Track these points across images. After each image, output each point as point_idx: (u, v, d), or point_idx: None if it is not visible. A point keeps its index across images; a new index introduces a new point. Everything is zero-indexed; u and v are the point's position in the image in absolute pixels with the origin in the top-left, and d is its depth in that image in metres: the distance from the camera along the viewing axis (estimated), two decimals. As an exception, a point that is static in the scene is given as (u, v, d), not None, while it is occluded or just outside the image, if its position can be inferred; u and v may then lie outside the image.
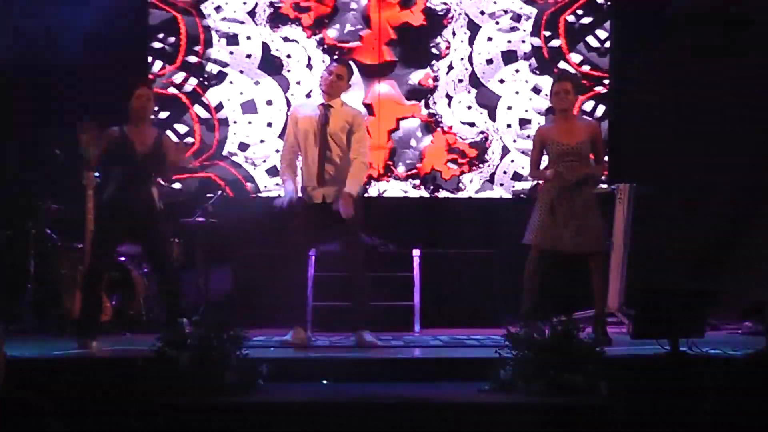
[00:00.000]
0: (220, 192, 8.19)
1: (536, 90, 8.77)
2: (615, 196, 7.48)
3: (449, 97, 8.76)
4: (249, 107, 8.76)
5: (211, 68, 8.74)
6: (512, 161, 8.74)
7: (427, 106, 8.78)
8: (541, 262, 6.47)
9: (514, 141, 8.75)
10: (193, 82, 8.72)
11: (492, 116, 8.76)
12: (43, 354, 5.68)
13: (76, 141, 6.22)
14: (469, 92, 8.77)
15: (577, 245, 6.40)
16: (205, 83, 8.73)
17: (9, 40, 7.89)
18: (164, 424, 4.66)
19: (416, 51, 8.80)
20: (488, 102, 8.78)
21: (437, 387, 5.19)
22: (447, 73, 8.77)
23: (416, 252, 7.85)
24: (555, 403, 4.76)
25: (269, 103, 8.76)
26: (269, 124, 8.74)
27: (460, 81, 8.78)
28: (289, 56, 8.75)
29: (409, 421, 4.69)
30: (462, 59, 8.78)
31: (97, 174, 6.87)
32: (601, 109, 8.83)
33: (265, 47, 8.75)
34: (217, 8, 8.76)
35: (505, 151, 8.76)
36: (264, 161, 8.72)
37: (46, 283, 7.49)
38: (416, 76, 8.79)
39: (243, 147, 8.74)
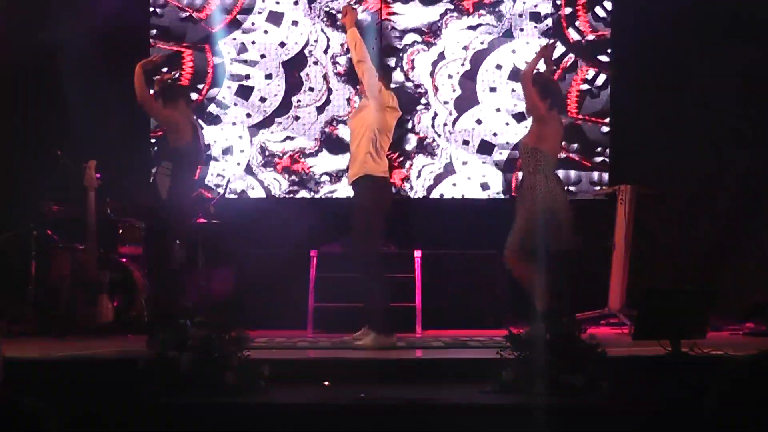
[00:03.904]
0: (221, 193, 8.18)
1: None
2: (616, 196, 7.47)
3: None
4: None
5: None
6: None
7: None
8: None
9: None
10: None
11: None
12: (44, 355, 5.68)
13: None
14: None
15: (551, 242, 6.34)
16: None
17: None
18: (165, 425, 4.66)
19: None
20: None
21: (439, 388, 5.18)
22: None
23: (417, 253, 7.84)
24: (556, 404, 4.75)
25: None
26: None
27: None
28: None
29: (411, 422, 4.68)
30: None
31: (97, 174, 6.91)
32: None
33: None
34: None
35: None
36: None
37: (46, 284, 7.49)
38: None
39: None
